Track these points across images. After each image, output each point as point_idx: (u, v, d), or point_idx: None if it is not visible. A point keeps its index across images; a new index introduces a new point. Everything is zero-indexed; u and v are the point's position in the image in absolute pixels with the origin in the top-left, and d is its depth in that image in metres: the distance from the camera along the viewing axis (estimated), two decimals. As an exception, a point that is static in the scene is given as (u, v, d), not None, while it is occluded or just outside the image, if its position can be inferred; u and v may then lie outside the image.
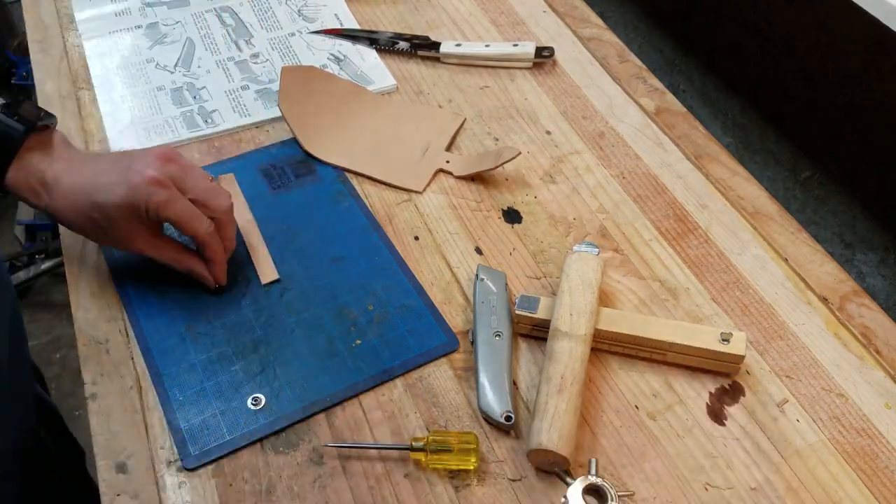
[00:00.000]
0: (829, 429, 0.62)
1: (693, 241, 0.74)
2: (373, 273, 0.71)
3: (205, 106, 0.86)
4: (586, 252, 0.67)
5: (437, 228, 0.75)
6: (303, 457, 0.60)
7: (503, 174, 0.80)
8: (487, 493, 0.58)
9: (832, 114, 0.84)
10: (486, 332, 0.65)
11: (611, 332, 0.64)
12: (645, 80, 0.90)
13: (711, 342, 0.63)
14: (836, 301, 0.70)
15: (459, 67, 0.91)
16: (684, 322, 0.67)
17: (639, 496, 0.58)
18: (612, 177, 0.80)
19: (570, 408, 0.58)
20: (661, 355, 0.64)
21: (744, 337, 0.63)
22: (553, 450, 0.56)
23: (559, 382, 0.59)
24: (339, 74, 0.90)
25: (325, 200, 0.77)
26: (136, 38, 0.94)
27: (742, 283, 0.71)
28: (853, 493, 0.58)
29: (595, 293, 0.64)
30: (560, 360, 0.60)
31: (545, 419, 0.57)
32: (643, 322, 0.64)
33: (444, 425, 0.61)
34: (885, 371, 0.65)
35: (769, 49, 0.90)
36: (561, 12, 0.98)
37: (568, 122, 0.85)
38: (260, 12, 0.98)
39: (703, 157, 0.81)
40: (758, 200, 0.77)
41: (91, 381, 0.64)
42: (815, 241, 0.74)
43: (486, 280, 0.68)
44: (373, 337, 0.67)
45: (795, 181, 0.91)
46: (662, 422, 0.62)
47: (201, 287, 0.69)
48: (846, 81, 0.81)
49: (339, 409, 0.63)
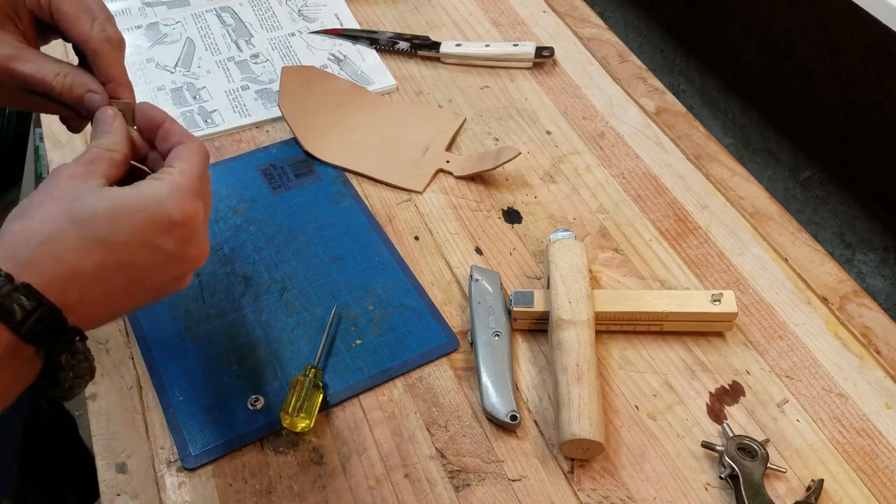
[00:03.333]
0: (829, 429, 0.62)
1: (693, 241, 0.74)
2: (373, 273, 0.71)
3: (205, 106, 0.86)
4: (566, 238, 0.68)
5: (437, 228, 0.75)
6: (303, 457, 0.60)
7: (503, 174, 0.79)
8: (487, 493, 0.58)
9: (832, 114, 0.84)
10: (485, 332, 0.65)
11: (609, 312, 0.65)
12: (645, 80, 0.90)
13: (704, 305, 0.65)
14: (836, 301, 0.70)
15: (459, 67, 0.91)
16: (675, 290, 0.69)
17: (639, 496, 0.58)
18: (612, 177, 0.80)
19: (592, 393, 0.59)
20: (658, 326, 0.66)
21: (732, 295, 0.65)
22: (587, 438, 0.57)
23: (576, 371, 0.60)
24: (339, 74, 0.90)
25: (325, 200, 0.77)
26: (136, 37, 0.94)
27: (742, 283, 0.71)
28: (853, 493, 0.58)
29: (587, 277, 0.65)
30: (571, 349, 0.61)
31: (572, 409, 0.58)
32: (637, 297, 0.66)
33: (444, 425, 0.61)
34: (885, 371, 0.65)
35: (769, 49, 0.90)
36: (561, 12, 0.98)
37: (568, 122, 0.85)
38: (260, 12, 0.98)
39: (703, 157, 0.81)
40: (758, 200, 0.77)
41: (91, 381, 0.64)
42: (815, 241, 0.74)
43: (481, 280, 0.68)
44: (373, 337, 0.67)
45: (795, 181, 0.91)
46: (662, 422, 0.62)
47: (201, 287, 0.69)
48: (846, 81, 0.81)
49: (339, 408, 0.63)
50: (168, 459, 0.60)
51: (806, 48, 0.85)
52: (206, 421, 0.61)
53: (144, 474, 0.59)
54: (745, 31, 0.93)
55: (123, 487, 0.58)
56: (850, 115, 0.82)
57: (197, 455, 0.59)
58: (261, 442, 0.61)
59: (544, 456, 0.60)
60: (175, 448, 0.60)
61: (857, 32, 0.78)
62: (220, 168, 0.80)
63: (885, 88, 0.77)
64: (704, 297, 0.65)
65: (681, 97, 1.01)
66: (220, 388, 0.63)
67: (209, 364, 0.65)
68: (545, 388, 0.64)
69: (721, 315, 0.65)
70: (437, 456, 0.60)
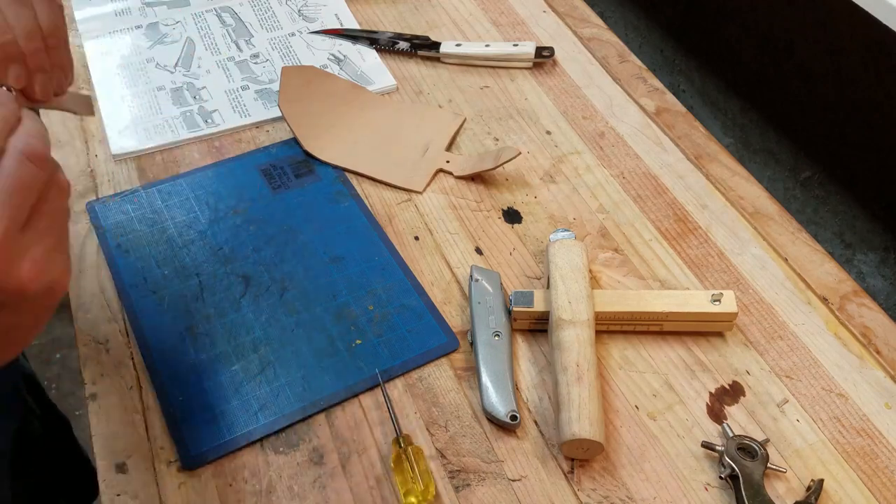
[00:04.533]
0: (829, 429, 0.62)
1: (693, 241, 0.74)
2: (373, 273, 0.71)
3: (205, 106, 0.86)
4: (566, 238, 0.68)
5: (437, 228, 0.75)
6: (303, 457, 0.60)
7: (503, 174, 0.79)
8: (487, 493, 0.58)
9: (832, 114, 0.84)
10: (485, 332, 0.65)
11: (608, 312, 0.65)
12: (645, 80, 0.90)
13: (704, 305, 0.65)
14: (836, 301, 0.70)
15: (459, 67, 0.91)
16: (675, 290, 0.69)
17: (639, 496, 0.58)
18: (612, 177, 0.80)
19: (592, 394, 0.59)
20: (658, 326, 0.66)
21: (732, 295, 0.65)
22: (587, 438, 0.57)
23: (576, 370, 0.60)
24: (339, 74, 0.90)
25: (325, 200, 0.77)
26: (136, 37, 0.94)
27: (742, 283, 0.71)
28: (853, 493, 0.58)
29: (587, 277, 0.65)
30: (571, 349, 0.61)
31: (572, 409, 0.58)
32: (636, 297, 0.66)
33: (444, 425, 0.61)
34: (885, 371, 0.65)
35: (769, 49, 0.90)
36: (561, 12, 0.98)
37: (568, 122, 0.85)
38: (260, 12, 0.98)
39: (703, 157, 0.81)
40: (758, 200, 0.77)
41: (91, 381, 0.64)
42: (815, 241, 0.74)
43: (481, 280, 0.68)
44: (373, 337, 0.67)
45: (795, 181, 0.91)
46: (662, 422, 0.62)
47: (201, 287, 0.69)
48: (846, 81, 0.81)
49: (339, 409, 0.63)
50: (168, 459, 0.60)
51: (806, 48, 0.85)
52: (206, 421, 0.61)
53: (144, 474, 0.59)
54: (745, 31, 0.93)
55: (123, 487, 0.58)
56: (850, 115, 0.82)
57: (197, 455, 0.59)
58: (261, 442, 0.61)
59: (544, 456, 0.60)
60: (175, 448, 0.60)
61: (857, 32, 0.78)
62: (220, 168, 0.80)
63: (885, 88, 0.77)
64: (704, 297, 0.65)
65: (681, 97, 1.01)
66: (220, 388, 0.63)
67: (209, 364, 0.65)
68: (545, 388, 0.64)
69: (721, 315, 0.65)
70: (437, 456, 0.60)
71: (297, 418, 0.62)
